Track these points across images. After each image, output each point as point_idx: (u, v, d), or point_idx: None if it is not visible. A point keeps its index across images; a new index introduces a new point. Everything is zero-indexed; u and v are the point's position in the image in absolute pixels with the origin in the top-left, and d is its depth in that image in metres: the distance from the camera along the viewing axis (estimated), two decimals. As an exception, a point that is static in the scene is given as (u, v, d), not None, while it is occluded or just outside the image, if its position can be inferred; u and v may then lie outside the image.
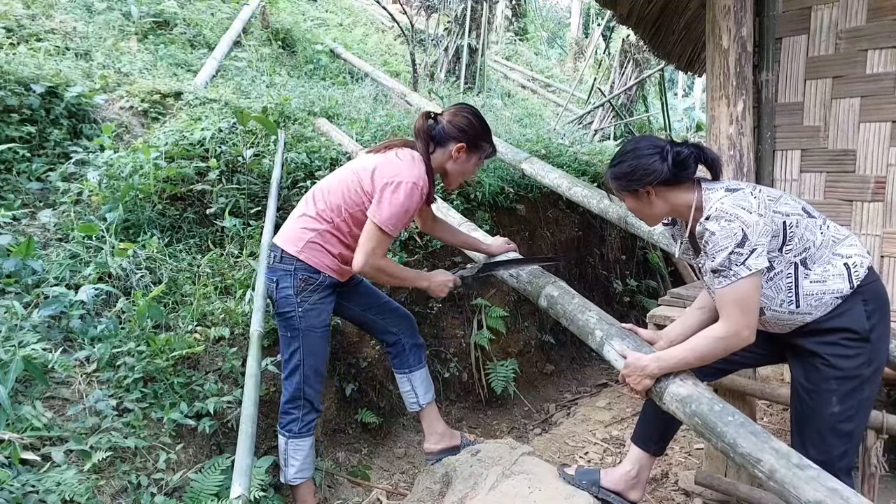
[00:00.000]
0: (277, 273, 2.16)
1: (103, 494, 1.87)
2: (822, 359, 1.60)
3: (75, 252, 2.60)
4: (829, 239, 1.63)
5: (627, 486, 2.02)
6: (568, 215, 4.86)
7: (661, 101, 8.01)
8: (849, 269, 1.60)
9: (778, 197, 1.63)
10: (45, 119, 3.21)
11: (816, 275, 1.60)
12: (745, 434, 1.45)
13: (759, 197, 1.57)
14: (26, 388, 2.01)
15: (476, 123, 2.12)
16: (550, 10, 16.28)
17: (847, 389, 1.58)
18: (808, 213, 1.63)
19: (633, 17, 3.94)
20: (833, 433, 1.61)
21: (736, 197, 1.55)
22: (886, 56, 2.48)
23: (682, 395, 1.62)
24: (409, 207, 2.01)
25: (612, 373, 4.56)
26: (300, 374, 2.19)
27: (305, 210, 2.19)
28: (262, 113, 3.68)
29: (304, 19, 7.37)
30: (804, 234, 1.60)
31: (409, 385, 2.48)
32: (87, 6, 5.04)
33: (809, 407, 1.64)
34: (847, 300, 1.59)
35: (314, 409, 2.25)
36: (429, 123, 2.12)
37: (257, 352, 2.25)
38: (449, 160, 2.13)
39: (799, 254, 1.60)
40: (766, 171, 2.75)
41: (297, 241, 2.15)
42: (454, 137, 2.09)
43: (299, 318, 2.15)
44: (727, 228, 1.51)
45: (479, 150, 2.15)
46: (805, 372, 1.66)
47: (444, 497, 2.28)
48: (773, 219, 1.57)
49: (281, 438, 2.26)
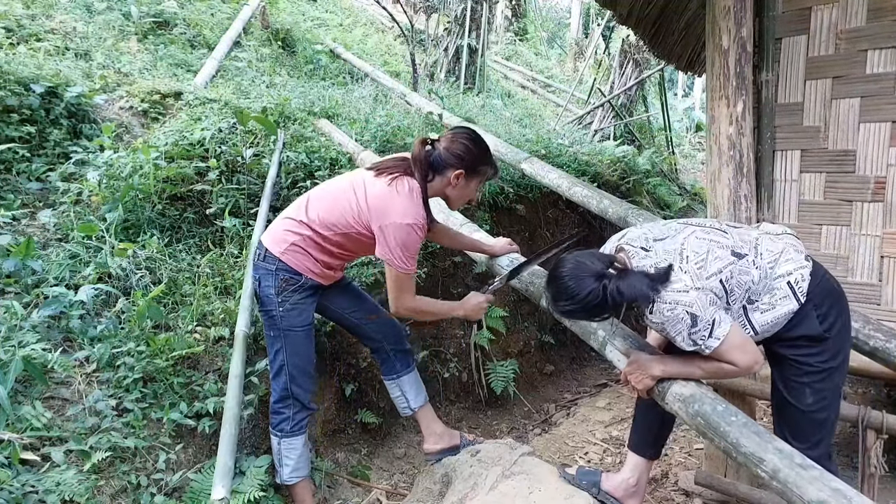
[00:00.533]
0: (260, 271, 2.17)
1: (103, 494, 1.87)
2: (791, 360, 1.73)
3: (75, 252, 2.60)
4: (764, 270, 1.66)
5: (627, 494, 2.05)
6: (568, 215, 4.86)
7: (661, 102, 8.02)
8: (792, 287, 1.65)
9: (705, 253, 1.62)
10: (44, 119, 3.21)
11: (765, 304, 1.67)
12: (748, 434, 1.45)
13: (688, 268, 1.58)
14: (26, 388, 2.01)
15: (473, 149, 2.09)
16: (550, 10, 16.29)
17: (817, 381, 1.70)
18: (737, 254, 1.64)
19: (633, 17, 3.94)
20: (810, 422, 1.73)
21: (667, 285, 1.57)
22: (886, 56, 2.48)
23: (685, 395, 1.63)
24: (413, 246, 2.04)
25: (612, 373, 4.56)
26: (286, 374, 2.19)
27: (296, 214, 2.17)
28: (261, 113, 3.68)
29: (304, 19, 7.37)
30: (741, 280, 1.64)
31: (399, 390, 2.49)
32: (87, 6, 5.04)
33: (787, 400, 1.75)
34: (797, 313, 1.66)
35: (304, 407, 2.24)
36: (426, 150, 2.09)
37: (242, 352, 2.25)
38: (448, 186, 2.11)
39: (742, 298, 1.66)
40: (766, 172, 2.75)
41: (281, 242, 2.14)
42: (451, 165, 2.07)
43: (280, 318, 2.15)
44: (672, 316, 1.56)
45: (478, 174, 2.13)
46: (780, 370, 1.78)
47: (444, 497, 2.28)
48: (709, 286, 1.59)
49: (273, 439, 2.25)
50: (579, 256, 1.66)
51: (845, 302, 1.75)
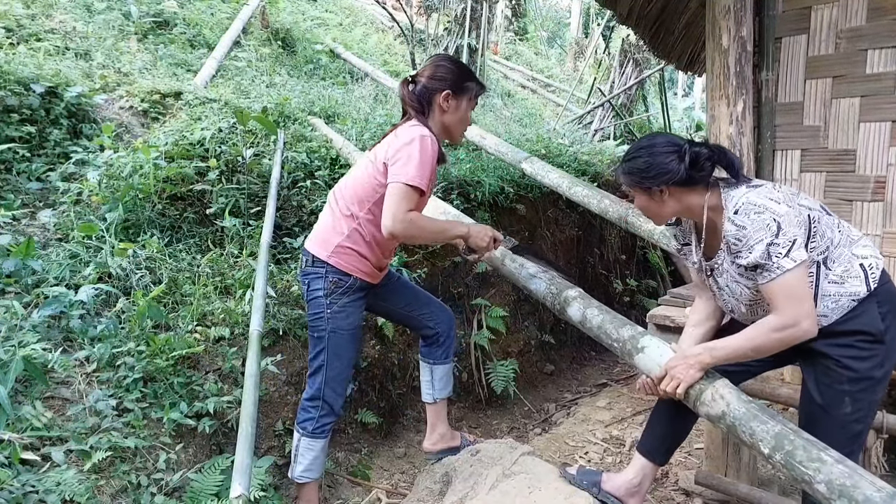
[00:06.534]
0: (310, 276, 2.16)
1: (103, 494, 1.87)
2: (835, 360, 1.59)
3: (75, 252, 2.60)
4: (845, 238, 1.61)
5: (628, 493, 2.01)
6: (568, 215, 4.86)
7: (661, 101, 8.01)
8: (865, 270, 1.59)
9: (797, 193, 1.62)
10: (45, 119, 3.22)
11: (836, 275, 1.59)
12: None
13: (783, 190, 1.56)
14: (26, 388, 2.01)
15: (454, 67, 2.12)
16: (550, 9, 16.27)
17: (859, 390, 1.57)
18: (825, 210, 1.62)
19: (633, 16, 3.93)
20: (843, 433, 1.59)
21: (761, 191, 1.53)
22: (886, 56, 2.48)
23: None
24: (426, 158, 1.98)
25: (612, 373, 4.56)
26: (323, 375, 2.17)
27: (331, 213, 2.19)
28: (261, 113, 3.68)
29: (304, 19, 7.37)
30: (825, 232, 1.58)
31: (430, 375, 2.47)
32: (87, 6, 5.05)
33: (821, 407, 1.62)
34: (862, 303, 1.58)
35: (332, 411, 2.21)
36: (410, 88, 2.12)
37: (257, 352, 2.25)
38: (442, 114, 2.12)
39: (822, 252, 1.59)
40: (766, 171, 2.75)
41: (326, 245, 2.13)
42: (437, 89, 2.09)
43: (327, 320, 2.14)
44: (758, 220, 1.49)
45: (466, 91, 2.13)
46: (816, 373, 1.64)
47: (444, 497, 2.28)
48: (800, 211, 1.55)
49: (295, 434, 2.23)
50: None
51: None
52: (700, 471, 2.53)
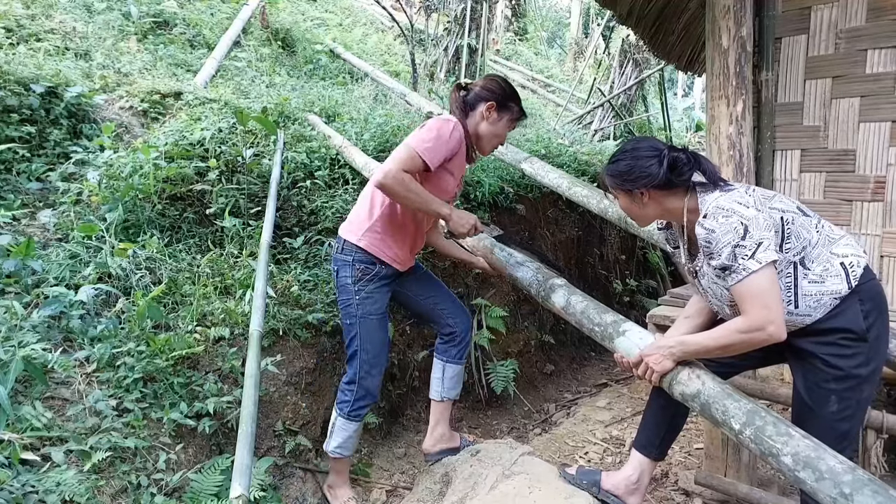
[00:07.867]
0: (339, 263, 2.28)
1: (103, 494, 1.87)
2: (821, 359, 1.61)
3: (75, 252, 2.60)
4: (824, 238, 1.63)
5: (628, 491, 2.02)
6: (568, 215, 4.86)
7: (661, 101, 8.01)
8: (846, 268, 1.60)
9: (772, 196, 1.65)
10: (44, 119, 3.21)
11: (815, 275, 1.61)
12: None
13: (754, 195, 1.59)
14: (26, 388, 2.01)
15: (506, 87, 2.25)
16: (550, 10, 16.27)
17: (845, 389, 1.59)
18: (802, 211, 1.64)
19: (633, 16, 3.94)
20: (831, 432, 1.61)
21: (731, 195, 1.57)
22: (886, 56, 2.48)
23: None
24: (442, 138, 2.08)
25: (612, 373, 4.56)
26: (358, 360, 2.29)
27: (363, 198, 2.30)
28: (261, 113, 3.68)
29: (304, 19, 7.37)
30: (800, 233, 1.61)
31: (441, 373, 2.52)
32: (87, 6, 5.05)
33: (808, 406, 1.65)
34: (844, 300, 1.60)
35: (369, 394, 2.33)
36: (461, 94, 2.25)
37: (257, 352, 2.26)
38: (482, 121, 2.22)
39: (798, 253, 1.61)
40: (766, 171, 2.75)
41: (358, 229, 2.25)
42: (484, 98, 2.21)
43: (357, 306, 2.26)
44: (726, 224, 1.52)
45: (508, 110, 2.24)
46: (804, 372, 1.67)
47: (444, 497, 2.28)
48: (771, 214, 1.58)
49: (334, 412, 2.36)
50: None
51: (887, 314, 1.65)
52: (700, 471, 2.53)
